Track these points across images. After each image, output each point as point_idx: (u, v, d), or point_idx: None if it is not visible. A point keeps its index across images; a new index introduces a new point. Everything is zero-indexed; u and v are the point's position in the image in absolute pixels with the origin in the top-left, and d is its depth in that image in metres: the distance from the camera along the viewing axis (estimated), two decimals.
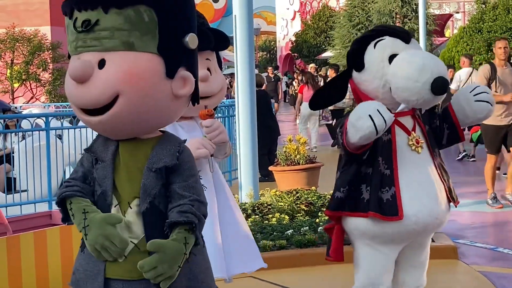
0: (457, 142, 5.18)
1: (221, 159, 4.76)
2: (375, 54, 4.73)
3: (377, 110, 4.33)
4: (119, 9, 2.76)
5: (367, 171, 4.67)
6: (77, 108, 2.86)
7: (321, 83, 25.86)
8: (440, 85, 4.48)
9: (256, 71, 14.82)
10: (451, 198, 4.84)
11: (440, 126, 4.96)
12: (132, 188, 2.87)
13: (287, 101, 36.79)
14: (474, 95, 4.78)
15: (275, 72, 32.40)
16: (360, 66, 4.76)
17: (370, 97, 4.70)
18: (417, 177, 4.69)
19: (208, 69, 4.32)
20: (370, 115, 4.31)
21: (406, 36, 4.84)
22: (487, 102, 4.73)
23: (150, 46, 2.79)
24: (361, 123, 4.32)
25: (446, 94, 4.67)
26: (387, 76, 4.64)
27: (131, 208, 2.87)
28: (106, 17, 2.76)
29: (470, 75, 15.71)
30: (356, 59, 4.80)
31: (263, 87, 16.61)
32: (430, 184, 4.73)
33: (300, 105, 19.24)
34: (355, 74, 4.82)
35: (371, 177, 4.65)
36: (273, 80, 27.90)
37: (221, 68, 4.56)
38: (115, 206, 2.87)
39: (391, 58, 4.67)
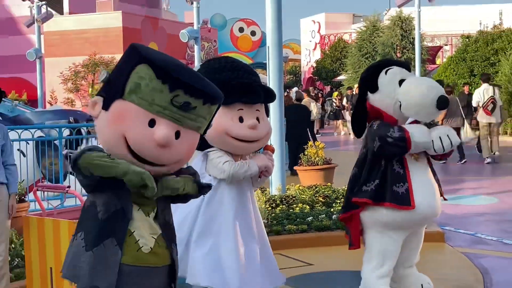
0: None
1: (255, 189, 4.86)
2: (387, 78, 4.77)
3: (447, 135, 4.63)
4: (211, 105, 2.83)
5: (382, 169, 4.70)
6: (138, 159, 2.76)
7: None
8: (443, 101, 4.59)
9: (296, 88, 14.61)
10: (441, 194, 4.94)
11: None
12: (151, 205, 2.89)
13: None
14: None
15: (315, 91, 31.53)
16: (374, 88, 4.79)
17: (384, 112, 4.72)
18: (420, 178, 4.75)
19: (257, 118, 4.31)
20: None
21: (408, 66, 4.93)
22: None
23: (204, 131, 2.92)
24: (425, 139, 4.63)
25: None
26: (398, 95, 4.67)
27: (152, 213, 2.90)
28: (202, 107, 2.78)
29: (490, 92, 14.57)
30: (370, 83, 4.83)
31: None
32: (430, 184, 4.82)
33: None
34: (369, 95, 4.83)
35: (386, 174, 4.69)
36: (315, 98, 27.44)
37: (268, 115, 4.54)
38: (137, 210, 2.85)
39: (400, 82, 4.71)
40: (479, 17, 30.80)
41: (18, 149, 8.81)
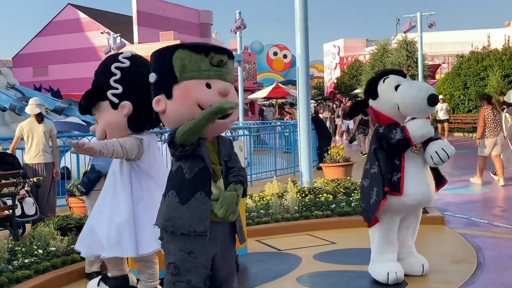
0: None
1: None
2: (384, 86, 4.68)
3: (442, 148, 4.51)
4: (231, 60, 2.97)
5: (385, 161, 4.62)
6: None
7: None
8: (433, 99, 4.47)
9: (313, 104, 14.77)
10: (438, 181, 4.82)
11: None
12: (217, 169, 2.91)
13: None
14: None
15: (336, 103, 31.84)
16: (375, 96, 4.72)
17: (387, 116, 4.66)
18: (415, 170, 4.64)
19: None
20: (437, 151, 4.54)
21: (403, 73, 4.84)
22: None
23: None
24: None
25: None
26: (395, 99, 4.59)
27: (219, 180, 2.90)
28: (229, 61, 2.95)
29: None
30: (371, 91, 4.75)
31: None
32: (423, 174, 4.68)
33: None
34: (371, 102, 4.76)
35: (387, 164, 4.60)
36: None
37: None
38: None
39: (396, 87, 4.63)
40: (471, 40, 30.34)
41: None
